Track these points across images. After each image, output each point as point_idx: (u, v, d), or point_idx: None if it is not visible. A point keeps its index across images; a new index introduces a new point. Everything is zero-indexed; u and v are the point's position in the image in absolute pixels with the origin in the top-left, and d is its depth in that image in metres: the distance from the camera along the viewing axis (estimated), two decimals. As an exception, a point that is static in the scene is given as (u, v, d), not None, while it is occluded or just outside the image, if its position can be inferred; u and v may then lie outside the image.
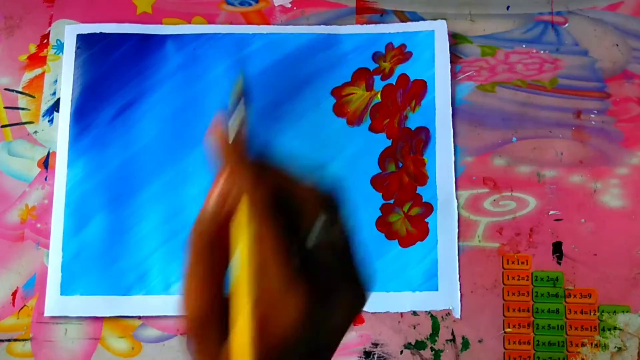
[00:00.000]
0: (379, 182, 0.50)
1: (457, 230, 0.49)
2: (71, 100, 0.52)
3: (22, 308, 0.49)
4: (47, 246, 0.50)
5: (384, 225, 0.49)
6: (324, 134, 0.51)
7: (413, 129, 0.51)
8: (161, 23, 0.54)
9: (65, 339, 0.48)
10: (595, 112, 0.51)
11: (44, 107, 0.53)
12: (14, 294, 0.49)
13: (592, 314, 0.48)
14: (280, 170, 0.25)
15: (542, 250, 0.49)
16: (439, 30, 0.53)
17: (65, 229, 0.49)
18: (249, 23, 0.54)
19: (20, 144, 0.52)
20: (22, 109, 0.53)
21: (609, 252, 0.49)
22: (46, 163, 0.52)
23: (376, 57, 0.53)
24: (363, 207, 0.50)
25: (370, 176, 0.50)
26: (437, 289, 0.48)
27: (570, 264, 0.49)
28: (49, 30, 0.54)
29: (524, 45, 0.53)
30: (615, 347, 0.47)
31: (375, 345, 0.48)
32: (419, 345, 0.48)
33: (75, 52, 0.53)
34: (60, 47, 0.54)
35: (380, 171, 0.50)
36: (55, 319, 0.49)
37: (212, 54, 0.53)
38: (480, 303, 0.48)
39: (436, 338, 0.48)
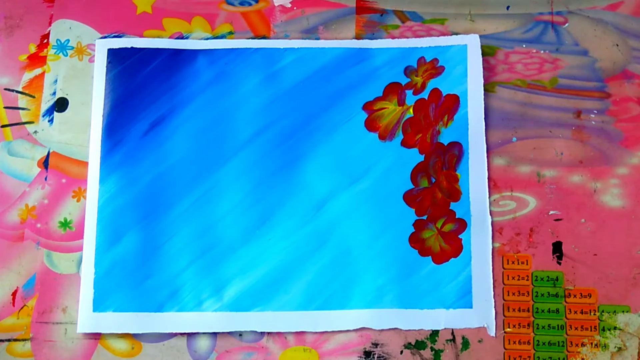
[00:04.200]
0: (412, 198, 0.50)
1: (491, 247, 0.49)
2: (102, 116, 0.51)
3: (22, 308, 0.49)
4: (47, 246, 0.50)
5: (417, 241, 0.49)
6: (356, 149, 0.51)
7: (446, 144, 0.50)
8: (161, 23, 0.54)
9: (65, 339, 0.48)
10: (595, 112, 0.51)
11: (44, 107, 0.53)
12: (14, 294, 0.49)
13: (592, 314, 0.48)
14: None
15: (542, 250, 0.49)
16: (472, 44, 0.52)
17: (97, 246, 0.49)
18: (249, 23, 0.54)
19: (20, 144, 0.52)
20: (22, 109, 0.53)
21: (609, 252, 0.49)
22: (46, 163, 0.52)
23: (408, 71, 0.52)
24: (396, 223, 0.49)
25: (402, 192, 0.50)
26: (471, 307, 0.48)
27: (570, 264, 0.49)
28: (49, 30, 0.54)
29: (524, 45, 0.53)
30: (615, 347, 0.47)
31: (375, 345, 0.48)
32: (419, 345, 0.48)
33: (107, 66, 0.52)
34: (60, 47, 0.54)
35: (412, 187, 0.50)
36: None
37: (243, 69, 0.52)
38: (480, 303, 0.48)
39: (436, 338, 0.48)
